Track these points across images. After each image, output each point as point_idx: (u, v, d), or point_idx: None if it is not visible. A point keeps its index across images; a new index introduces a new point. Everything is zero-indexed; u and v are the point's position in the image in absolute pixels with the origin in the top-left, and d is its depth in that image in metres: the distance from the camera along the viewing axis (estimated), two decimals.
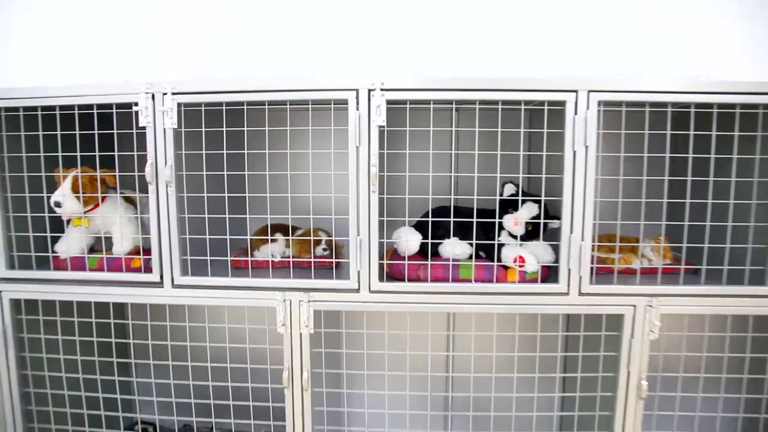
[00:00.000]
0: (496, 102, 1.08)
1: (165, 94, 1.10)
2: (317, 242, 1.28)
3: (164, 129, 1.11)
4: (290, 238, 1.27)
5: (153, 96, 1.11)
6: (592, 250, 1.23)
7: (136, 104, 1.11)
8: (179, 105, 1.11)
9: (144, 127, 1.12)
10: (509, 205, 1.20)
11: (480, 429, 1.48)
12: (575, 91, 1.06)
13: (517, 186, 1.22)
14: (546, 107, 1.09)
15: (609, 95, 1.05)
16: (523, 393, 1.27)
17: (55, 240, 1.27)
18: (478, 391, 1.47)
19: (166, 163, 1.12)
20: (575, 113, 1.06)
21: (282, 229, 1.32)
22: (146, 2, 1.52)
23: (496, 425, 1.43)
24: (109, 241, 1.26)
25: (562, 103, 1.07)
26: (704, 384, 1.26)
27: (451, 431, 1.55)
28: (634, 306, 1.12)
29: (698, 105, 1.10)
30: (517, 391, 1.24)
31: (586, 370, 1.27)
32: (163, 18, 1.52)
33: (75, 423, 1.32)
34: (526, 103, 1.10)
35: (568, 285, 1.11)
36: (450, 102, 1.23)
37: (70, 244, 1.26)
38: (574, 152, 1.07)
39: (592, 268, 1.12)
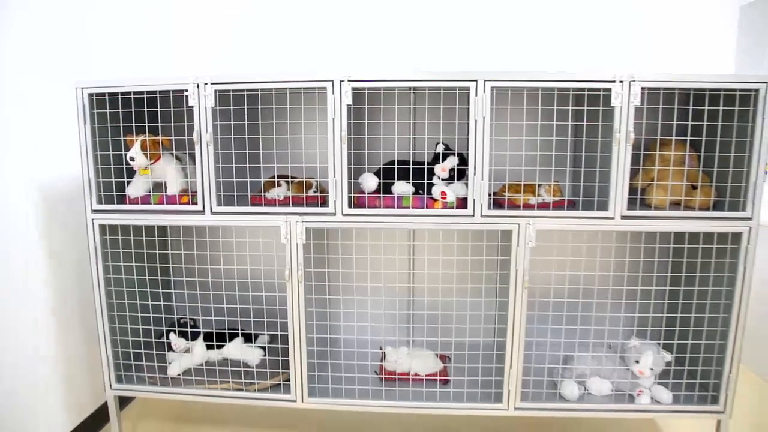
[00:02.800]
0: (424, 88, 1.64)
1: (206, 84, 1.66)
2: (309, 185, 1.85)
3: (205, 107, 1.67)
4: (289, 180, 1.84)
5: (198, 86, 1.67)
6: (505, 190, 1.80)
7: (187, 91, 1.68)
8: (215, 91, 1.67)
9: (192, 106, 1.68)
10: (439, 158, 1.76)
11: (420, 308, 2.07)
12: (475, 81, 1.61)
13: (445, 145, 1.78)
14: (457, 92, 1.65)
15: (497, 83, 1.61)
16: (448, 284, 1.86)
17: (127, 184, 1.85)
18: (418, 283, 2.06)
19: (206, 130, 1.68)
20: (476, 95, 1.61)
21: (285, 177, 1.89)
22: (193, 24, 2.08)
23: (429, 305, 2.03)
24: (165, 185, 1.84)
25: (467, 89, 1.62)
26: (570, 278, 1.84)
27: (399, 310, 2.15)
28: (518, 224, 1.68)
29: (559, 89, 1.65)
30: (443, 282, 1.83)
31: (490, 269, 1.85)
32: (201, 28, 2.08)
33: (142, 311, 1.92)
34: (444, 89, 1.66)
35: (474, 210, 1.68)
36: (394, 88, 1.79)
37: (138, 186, 1.83)
38: (476, 121, 1.63)
39: (489, 199, 1.68)
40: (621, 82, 1.60)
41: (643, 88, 1.60)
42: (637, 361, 1.81)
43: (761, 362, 2.59)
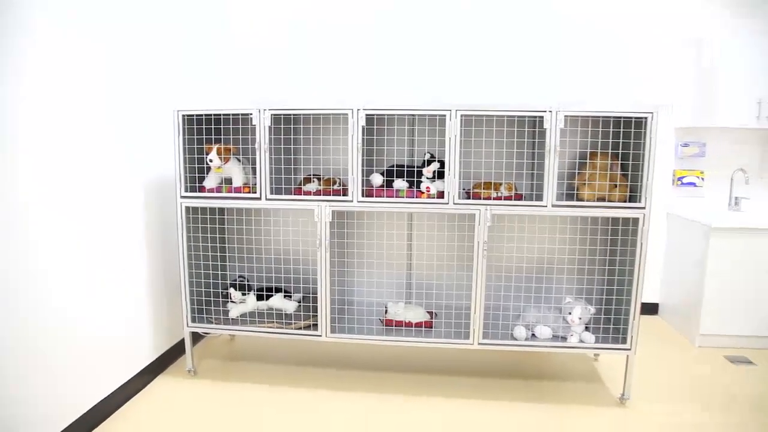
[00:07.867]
0: (414, 115, 2.38)
1: (265, 110, 2.41)
2: (335, 182, 2.59)
3: (264, 126, 2.42)
4: (320, 177, 2.59)
5: (259, 111, 2.42)
6: (475, 187, 2.52)
7: (251, 114, 2.43)
8: (271, 115, 2.42)
9: (254, 125, 2.43)
10: (426, 163, 2.50)
11: (417, 268, 2.81)
12: (449, 110, 2.34)
13: (430, 154, 2.52)
14: (438, 118, 2.39)
15: (465, 112, 2.34)
16: (428, 253, 2.60)
17: (206, 177, 2.60)
18: (415, 254, 2.81)
19: (264, 142, 2.43)
20: (450, 120, 2.35)
21: (317, 175, 2.64)
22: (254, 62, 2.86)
23: (422, 270, 2.77)
24: (232, 180, 2.59)
25: (444, 116, 2.35)
26: (537, 251, 2.58)
27: (398, 272, 2.89)
28: (480, 210, 2.41)
29: (508, 117, 2.39)
30: (434, 254, 2.57)
31: (461, 240, 2.58)
32: (259, 66, 2.85)
33: (213, 269, 2.67)
34: (428, 116, 2.40)
35: (448, 199, 2.41)
36: (394, 115, 2.54)
37: (212, 180, 2.58)
38: (450, 138, 2.36)
39: (459, 191, 2.41)
40: (550, 112, 2.32)
41: (566, 116, 2.33)
42: (570, 313, 2.52)
43: (681, 321, 3.29)
